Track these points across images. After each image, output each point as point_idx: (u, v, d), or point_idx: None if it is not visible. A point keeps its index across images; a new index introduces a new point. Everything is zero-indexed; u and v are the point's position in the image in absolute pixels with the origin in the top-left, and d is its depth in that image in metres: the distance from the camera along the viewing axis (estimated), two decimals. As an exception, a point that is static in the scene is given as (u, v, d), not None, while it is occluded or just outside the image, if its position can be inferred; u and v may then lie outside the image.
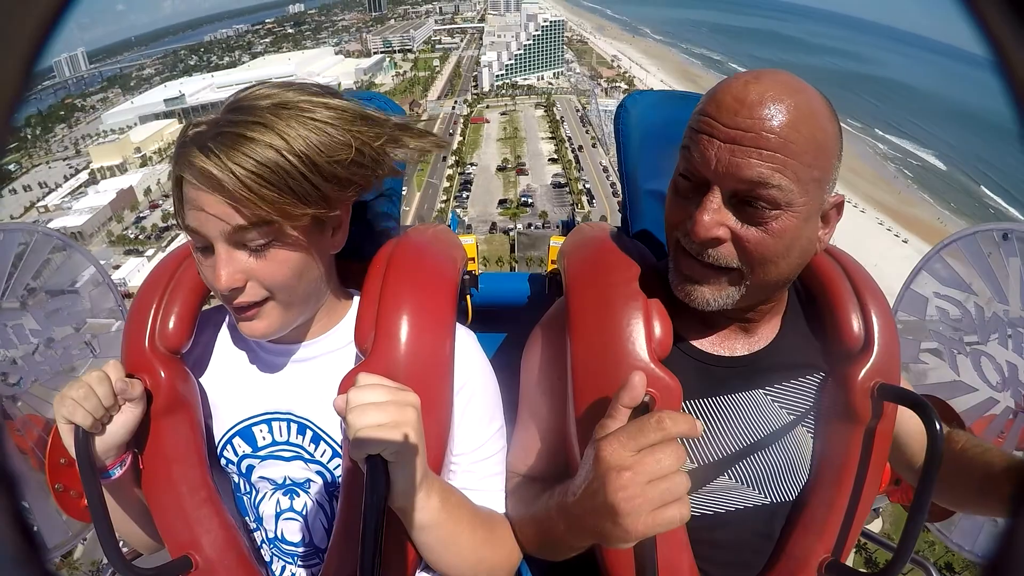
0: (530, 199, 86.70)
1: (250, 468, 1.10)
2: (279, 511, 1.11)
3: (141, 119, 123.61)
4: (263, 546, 1.15)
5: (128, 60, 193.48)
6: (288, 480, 1.10)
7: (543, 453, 1.11)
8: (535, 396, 1.13)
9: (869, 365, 1.01)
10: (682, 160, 0.93)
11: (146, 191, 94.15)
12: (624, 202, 1.37)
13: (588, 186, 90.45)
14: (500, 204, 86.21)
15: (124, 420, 0.97)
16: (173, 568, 1.02)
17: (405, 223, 1.28)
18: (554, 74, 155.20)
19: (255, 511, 1.13)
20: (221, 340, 1.15)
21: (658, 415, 0.75)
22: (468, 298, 1.38)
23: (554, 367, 1.09)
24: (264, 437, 1.09)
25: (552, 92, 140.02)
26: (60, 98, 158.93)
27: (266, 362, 1.10)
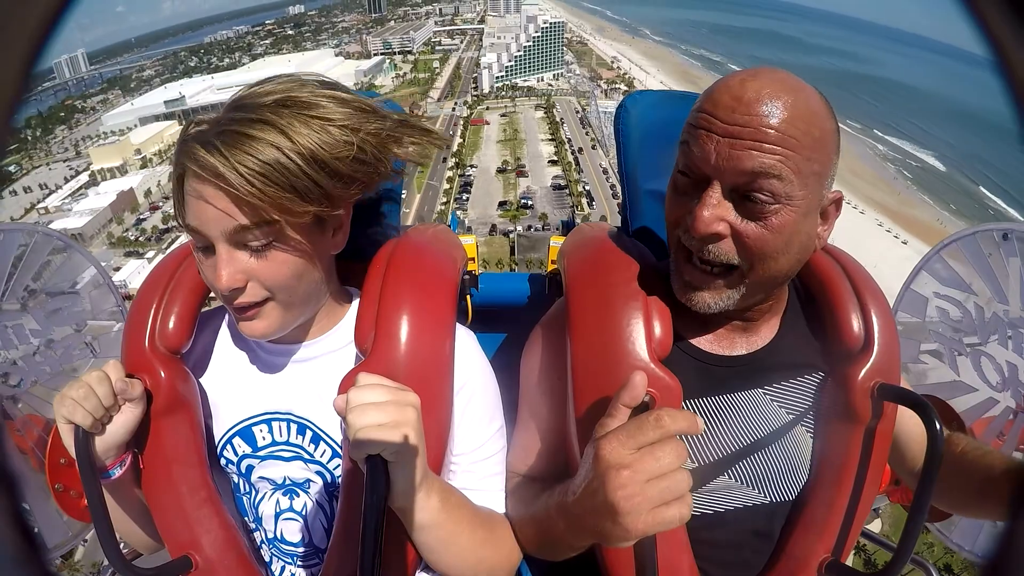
0: (530, 201, 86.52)
1: (250, 468, 1.10)
2: (279, 511, 1.11)
3: (141, 121, 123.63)
4: (263, 546, 1.15)
5: (128, 61, 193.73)
6: (288, 480, 1.09)
7: (543, 453, 1.11)
8: (535, 396, 1.13)
9: (869, 365, 1.00)
10: (681, 157, 0.93)
11: (146, 193, 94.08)
12: (624, 202, 1.37)
13: (588, 188, 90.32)
14: (500, 206, 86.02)
15: (124, 420, 0.97)
16: (173, 568, 1.02)
17: (405, 224, 1.28)
18: (554, 76, 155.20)
19: (255, 511, 1.13)
20: (221, 340, 1.15)
21: (657, 413, 0.74)
22: (468, 298, 1.38)
23: (554, 367, 1.08)
24: (264, 437, 1.09)
25: (552, 94, 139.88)
26: (60, 99, 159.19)
27: (266, 362, 1.10)
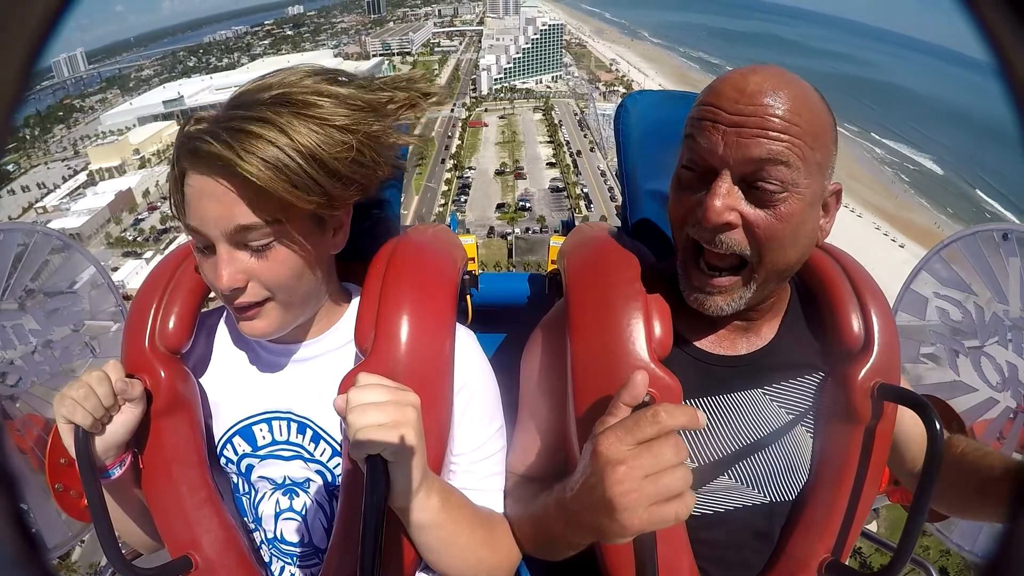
0: (528, 203, 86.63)
1: (249, 468, 1.10)
2: (278, 511, 1.10)
3: (140, 120, 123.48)
4: (263, 546, 1.15)
5: (127, 61, 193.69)
6: (288, 480, 1.09)
7: (543, 453, 1.11)
8: (535, 396, 1.13)
9: (869, 365, 1.00)
10: (685, 152, 0.93)
11: (145, 193, 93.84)
12: (624, 202, 1.37)
13: (586, 190, 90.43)
14: (498, 208, 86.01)
15: (124, 420, 0.97)
16: (173, 568, 1.02)
17: (404, 225, 1.28)
18: (552, 78, 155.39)
19: (254, 511, 1.12)
20: (221, 340, 1.15)
21: (654, 408, 0.74)
22: (468, 298, 1.37)
23: (554, 367, 1.08)
24: (264, 436, 1.09)
25: (550, 96, 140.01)
26: (59, 98, 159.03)
27: (266, 362, 1.10)
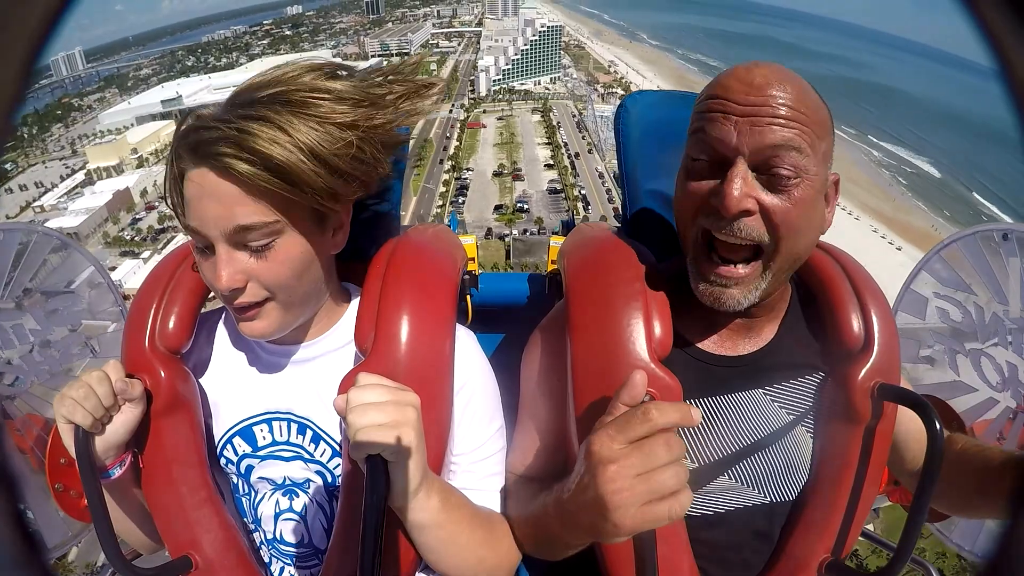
0: (526, 205, 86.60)
1: (249, 468, 1.10)
2: (278, 511, 1.10)
3: (138, 120, 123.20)
4: (262, 547, 1.15)
5: (125, 60, 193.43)
6: (288, 480, 1.09)
7: (543, 453, 1.11)
8: (535, 396, 1.13)
9: (869, 365, 1.01)
10: (694, 145, 0.94)
11: (142, 192, 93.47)
12: (624, 202, 1.37)
13: (584, 192, 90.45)
14: (496, 209, 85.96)
15: (124, 420, 0.97)
16: (173, 568, 1.02)
17: (403, 225, 1.28)
18: (551, 79, 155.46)
19: (254, 512, 1.12)
20: (221, 340, 1.15)
21: (644, 407, 0.74)
22: (468, 298, 1.37)
23: (554, 368, 1.08)
24: (264, 437, 1.09)
25: (549, 97, 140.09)
26: (57, 97, 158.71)
27: (266, 362, 1.10)
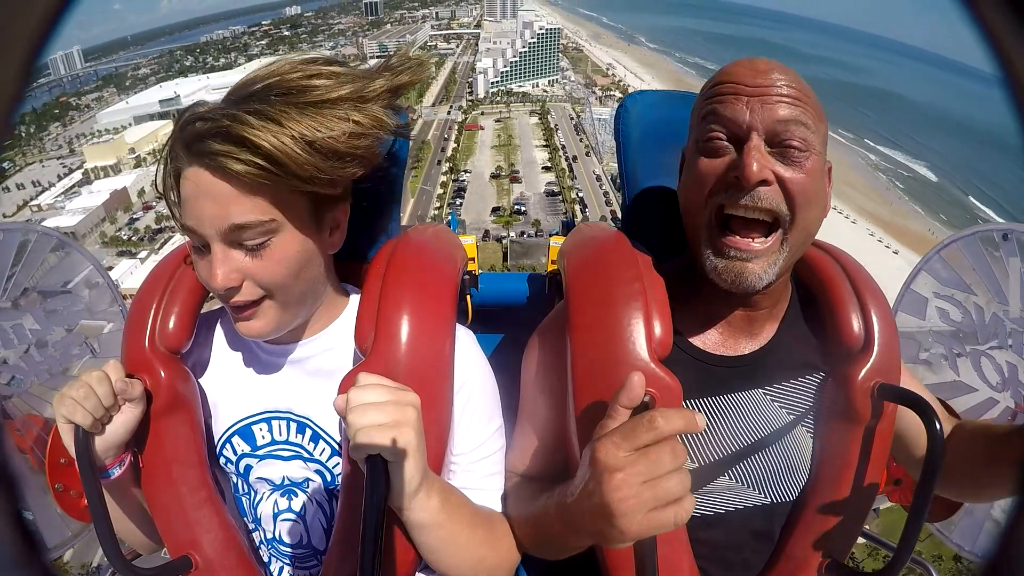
0: (523, 207, 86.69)
1: (248, 468, 1.10)
2: (277, 512, 1.10)
3: (136, 119, 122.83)
4: (262, 547, 1.15)
5: (124, 59, 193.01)
6: (287, 480, 1.09)
7: (543, 453, 1.11)
8: (535, 396, 1.13)
9: (869, 365, 1.01)
10: (707, 125, 0.96)
11: (140, 192, 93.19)
12: (624, 201, 1.37)
13: (581, 195, 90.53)
14: (493, 212, 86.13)
15: (124, 420, 0.97)
16: (173, 568, 1.02)
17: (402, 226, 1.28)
18: (549, 82, 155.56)
19: (253, 512, 1.12)
20: (221, 340, 1.15)
21: (650, 414, 0.74)
22: (468, 298, 1.37)
23: (554, 368, 1.08)
24: (263, 436, 1.09)
25: (547, 100, 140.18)
26: (55, 96, 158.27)
27: (265, 362, 1.10)
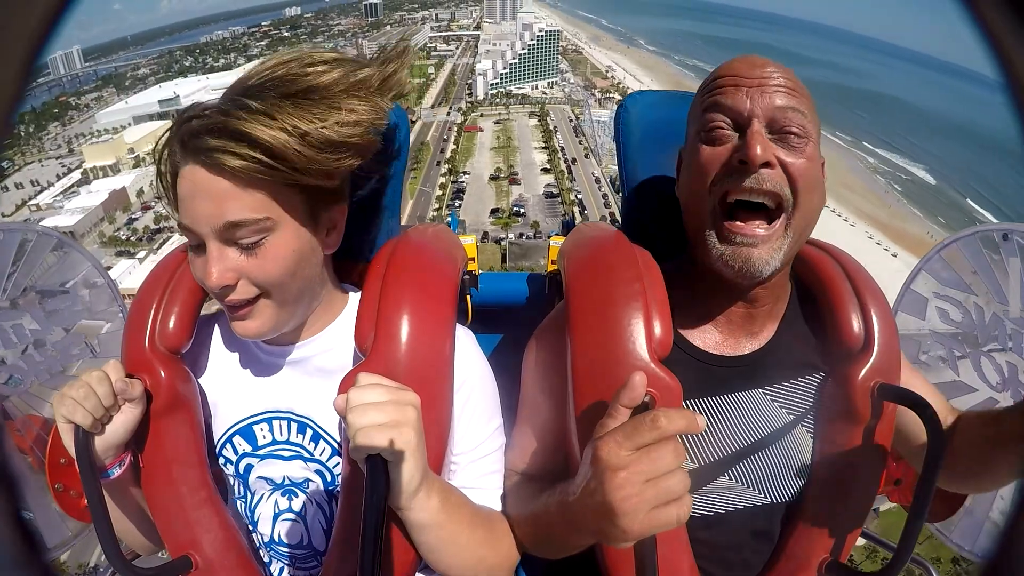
0: (522, 209, 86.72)
1: (248, 468, 1.10)
2: (277, 512, 1.10)
3: (135, 119, 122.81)
4: (261, 547, 1.15)
5: (123, 59, 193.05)
6: (287, 480, 1.09)
7: (543, 452, 1.11)
8: (535, 396, 1.13)
9: (869, 365, 1.01)
10: (709, 115, 0.98)
11: (139, 192, 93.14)
12: (624, 201, 1.37)
13: (580, 197, 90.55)
14: (492, 213, 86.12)
15: (124, 420, 0.97)
16: (173, 568, 1.02)
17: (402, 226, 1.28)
18: (548, 84, 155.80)
19: (252, 513, 1.12)
20: (221, 341, 1.15)
21: (653, 414, 0.74)
22: (468, 298, 1.36)
23: (554, 368, 1.08)
24: (264, 436, 1.09)
25: (546, 102, 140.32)
26: (54, 95, 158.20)
27: (265, 362, 1.10)
